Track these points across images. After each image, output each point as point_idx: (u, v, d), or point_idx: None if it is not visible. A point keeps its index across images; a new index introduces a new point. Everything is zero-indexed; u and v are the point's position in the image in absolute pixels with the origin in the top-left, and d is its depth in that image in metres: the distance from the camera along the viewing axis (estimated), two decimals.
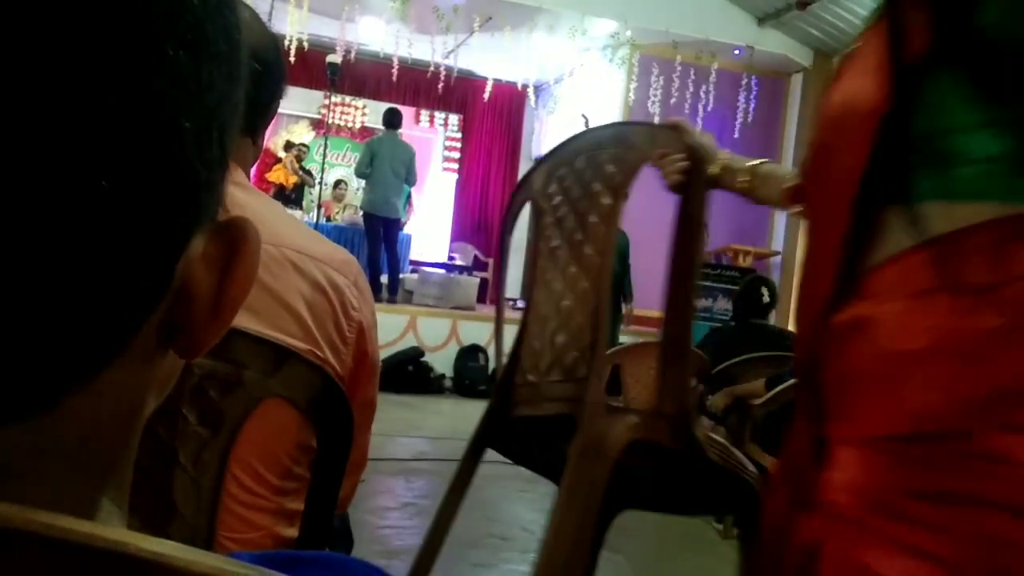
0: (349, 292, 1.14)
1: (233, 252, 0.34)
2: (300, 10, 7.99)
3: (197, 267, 0.33)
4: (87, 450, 0.31)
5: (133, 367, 0.32)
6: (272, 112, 1.20)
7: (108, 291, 0.29)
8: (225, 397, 1.03)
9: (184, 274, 0.32)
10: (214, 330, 0.34)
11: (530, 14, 8.26)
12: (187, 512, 1.07)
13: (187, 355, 0.35)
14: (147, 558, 0.26)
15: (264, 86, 1.16)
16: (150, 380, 0.34)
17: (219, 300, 0.34)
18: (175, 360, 0.36)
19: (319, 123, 11.63)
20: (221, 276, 0.34)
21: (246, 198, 1.11)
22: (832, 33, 8.36)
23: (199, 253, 0.33)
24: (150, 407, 0.35)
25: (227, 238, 0.34)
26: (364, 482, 4.34)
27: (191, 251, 0.32)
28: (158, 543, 0.26)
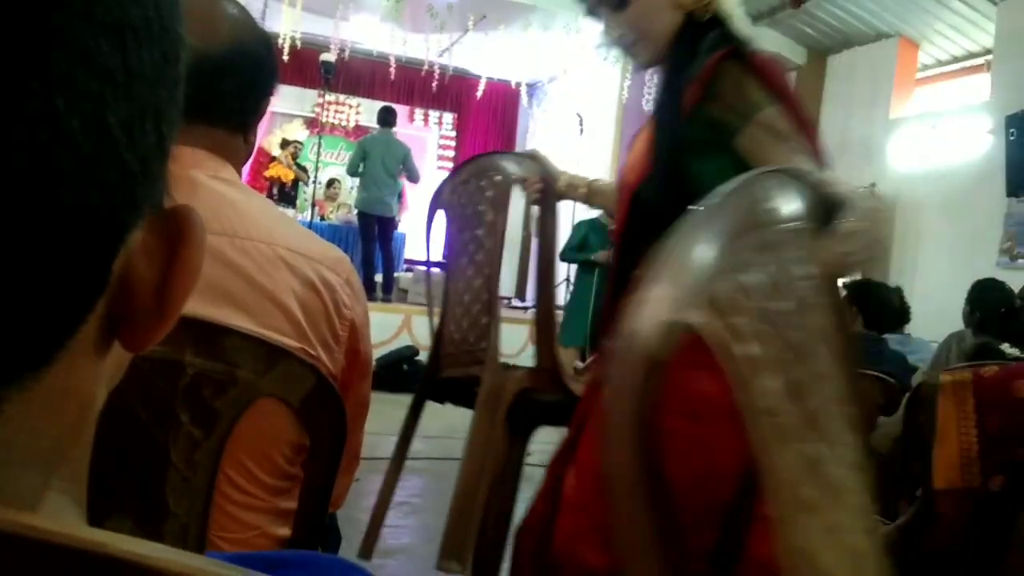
0: (342, 290, 1.14)
1: (176, 243, 0.33)
2: (293, 8, 7.97)
3: (138, 260, 0.32)
4: (34, 445, 0.30)
5: (77, 362, 0.31)
6: (263, 109, 1.20)
7: (40, 291, 0.28)
8: (218, 396, 1.03)
9: (124, 267, 0.31)
10: (160, 324, 0.33)
11: (524, 12, 8.25)
12: (179, 512, 1.07)
13: (133, 349, 0.34)
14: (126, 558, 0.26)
15: (255, 83, 1.16)
16: (98, 374, 0.33)
17: (163, 293, 0.32)
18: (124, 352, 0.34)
19: (313, 122, 11.61)
20: (164, 268, 0.32)
21: (237, 195, 1.11)
22: (826, 31, 8.37)
23: (139, 245, 0.32)
24: (101, 399, 0.34)
25: (170, 229, 0.33)
26: (358, 481, 4.34)
27: (131, 243, 0.31)
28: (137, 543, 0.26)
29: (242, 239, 1.07)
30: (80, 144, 0.27)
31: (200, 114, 1.11)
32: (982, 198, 6.58)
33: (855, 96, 8.36)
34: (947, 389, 1.26)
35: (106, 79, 0.28)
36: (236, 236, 1.07)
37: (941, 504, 1.22)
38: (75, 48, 0.27)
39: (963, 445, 1.22)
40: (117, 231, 0.30)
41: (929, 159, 7.24)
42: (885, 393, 3.61)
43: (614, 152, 9.07)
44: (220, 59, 1.09)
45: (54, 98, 0.26)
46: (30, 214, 0.27)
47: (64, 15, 0.27)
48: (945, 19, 7.28)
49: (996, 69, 6.79)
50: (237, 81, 1.13)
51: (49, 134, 0.26)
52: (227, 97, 1.13)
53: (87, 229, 0.29)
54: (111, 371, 0.34)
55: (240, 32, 1.11)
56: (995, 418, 1.22)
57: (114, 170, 0.29)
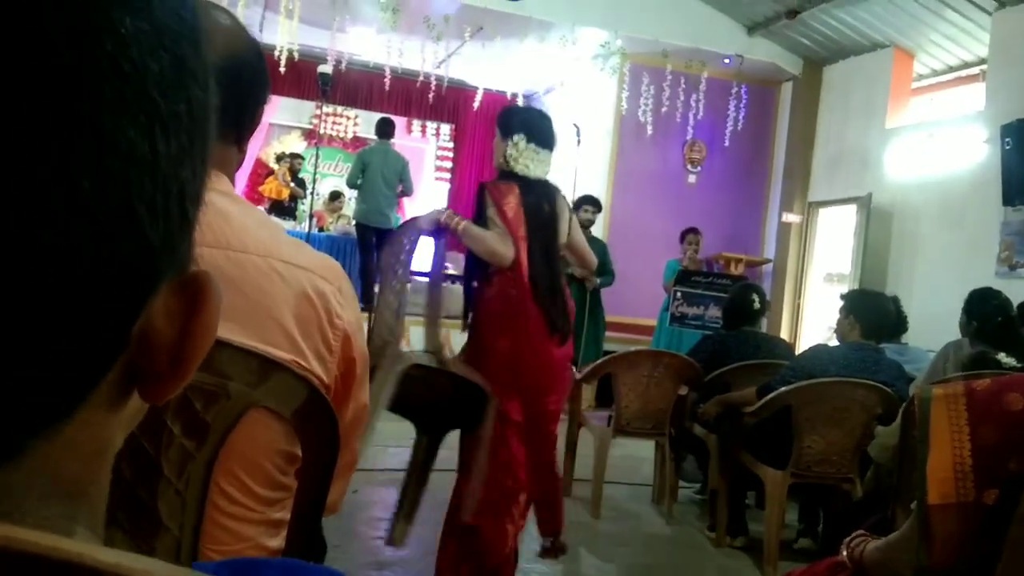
0: (334, 299, 1.14)
1: (193, 308, 0.35)
2: (291, 21, 7.99)
3: (158, 320, 0.34)
4: (54, 486, 0.32)
5: (98, 413, 0.33)
6: (257, 119, 1.20)
7: (62, 354, 0.30)
8: (210, 408, 1.03)
9: (145, 327, 0.33)
10: (175, 380, 0.35)
11: (520, 24, 8.28)
12: (172, 525, 1.06)
13: (150, 400, 0.36)
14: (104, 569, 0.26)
15: (250, 94, 1.16)
16: (116, 422, 0.35)
17: (179, 354, 0.34)
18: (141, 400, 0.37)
19: (311, 133, 11.63)
20: (182, 330, 0.34)
21: (229, 207, 1.11)
22: (821, 42, 8.40)
23: (160, 307, 0.34)
24: (118, 444, 0.37)
25: (189, 293, 0.35)
26: (356, 492, 4.33)
27: (152, 306, 0.33)
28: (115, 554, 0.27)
29: (237, 252, 1.07)
30: (103, 223, 0.29)
31: None
32: (978, 207, 6.59)
33: (851, 106, 8.39)
34: (939, 402, 1.26)
35: (131, 162, 0.30)
36: (231, 249, 1.07)
37: (936, 520, 1.21)
38: (101, 134, 0.29)
39: (956, 459, 1.21)
40: (137, 300, 0.32)
41: (925, 168, 7.26)
42: (883, 403, 3.61)
43: (611, 162, 9.09)
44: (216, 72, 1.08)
45: (80, 180, 0.28)
46: (53, 286, 0.29)
47: (91, 104, 0.28)
48: (940, 29, 7.31)
49: (991, 78, 6.81)
50: (233, 93, 1.13)
51: (73, 214, 0.28)
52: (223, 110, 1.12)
53: (108, 299, 0.30)
54: (129, 418, 0.37)
55: (233, 42, 1.11)
56: (988, 431, 1.22)
57: (136, 246, 0.31)
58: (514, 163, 2.96)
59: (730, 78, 8.99)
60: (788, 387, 3.64)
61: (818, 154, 8.84)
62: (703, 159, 9.22)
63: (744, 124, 9.09)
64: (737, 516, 4.10)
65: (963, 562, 1.21)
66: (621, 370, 4.50)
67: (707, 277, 7.34)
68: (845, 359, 3.69)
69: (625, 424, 4.47)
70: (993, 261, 6.38)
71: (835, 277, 8.46)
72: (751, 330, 4.68)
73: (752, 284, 5.36)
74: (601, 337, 7.11)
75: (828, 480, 3.71)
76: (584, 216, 7.00)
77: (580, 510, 4.50)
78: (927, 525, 1.22)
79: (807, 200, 8.86)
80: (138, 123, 0.30)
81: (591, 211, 7.06)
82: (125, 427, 0.37)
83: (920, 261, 7.28)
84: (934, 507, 1.21)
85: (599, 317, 7.10)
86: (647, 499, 4.81)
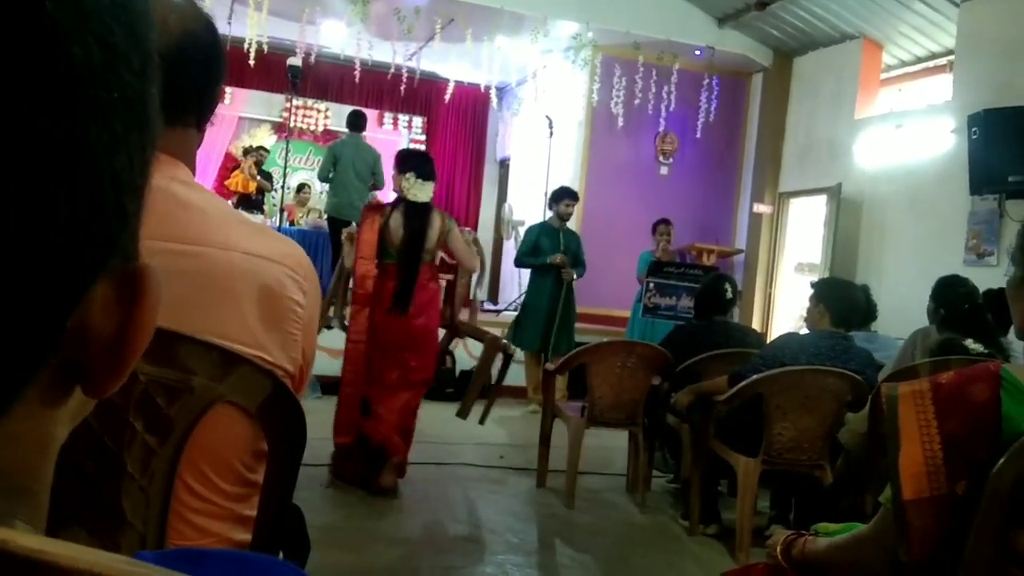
0: (297, 290, 1.12)
1: (132, 301, 0.34)
2: (260, 13, 7.91)
3: (95, 313, 0.33)
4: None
5: (37, 407, 0.33)
6: (215, 99, 1.16)
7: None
8: (172, 404, 1.02)
9: (82, 319, 0.32)
10: (115, 375, 0.34)
11: (492, 16, 8.25)
12: (136, 521, 1.05)
13: (92, 395, 0.35)
14: (26, 555, 0.26)
15: (209, 74, 1.13)
16: (57, 417, 0.35)
17: (118, 347, 0.34)
18: None
19: (281, 126, 11.53)
20: (120, 324, 0.34)
21: (194, 198, 1.09)
22: (791, 33, 8.45)
23: (98, 301, 0.33)
24: (61, 438, 0.36)
25: (127, 287, 0.34)
26: (331, 488, 4.31)
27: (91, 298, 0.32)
28: (40, 540, 0.26)
29: (198, 246, 1.06)
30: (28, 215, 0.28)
31: None
32: (946, 197, 6.66)
33: (821, 97, 8.44)
34: (906, 399, 1.27)
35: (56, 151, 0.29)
36: (192, 243, 1.06)
37: (912, 515, 1.22)
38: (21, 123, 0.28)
39: (927, 453, 1.23)
40: (70, 293, 0.31)
41: (894, 158, 7.32)
42: (853, 390, 3.65)
43: (584, 154, 9.10)
44: (172, 55, 1.05)
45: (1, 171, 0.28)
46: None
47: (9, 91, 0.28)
48: (908, 20, 7.37)
49: (958, 69, 6.88)
50: (191, 75, 1.09)
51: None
52: (183, 94, 1.10)
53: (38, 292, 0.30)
54: (73, 412, 0.36)
55: (188, 22, 1.08)
56: (956, 424, 1.23)
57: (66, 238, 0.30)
58: (407, 192, 4.32)
59: (701, 70, 9.02)
60: (759, 375, 3.66)
61: (788, 145, 8.90)
62: (675, 150, 9.25)
63: (715, 115, 9.13)
64: (710, 504, 4.13)
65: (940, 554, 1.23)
66: (594, 361, 4.51)
67: (679, 268, 7.37)
68: (815, 347, 3.72)
69: (598, 415, 4.48)
70: (961, 249, 6.46)
71: (806, 267, 8.52)
72: (723, 320, 4.72)
73: (724, 274, 5.39)
74: (572, 328, 7.14)
75: (799, 467, 3.75)
76: (565, 210, 7.03)
77: (554, 501, 4.51)
78: (904, 521, 1.23)
79: (778, 190, 8.91)
80: (62, 111, 0.29)
81: (571, 204, 7.08)
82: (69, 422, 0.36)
83: (889, 250, 7.36)
84: (909, 502, 1.22)
85: (572, 308, 7.13)
86: (621, 489, 4.83)
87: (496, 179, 12.49)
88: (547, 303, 6.89)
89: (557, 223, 7.07)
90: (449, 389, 7.55)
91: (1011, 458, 1.20)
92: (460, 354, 7.80)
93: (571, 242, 7.08)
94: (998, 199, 6.18)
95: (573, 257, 6.99)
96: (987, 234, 6.31)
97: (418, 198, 4.30)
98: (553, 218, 7.11)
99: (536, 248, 6.96)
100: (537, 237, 7.02)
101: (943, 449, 1.22)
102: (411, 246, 4.26)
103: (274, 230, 1.27)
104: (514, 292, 9.81)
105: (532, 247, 6.99)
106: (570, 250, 6.97)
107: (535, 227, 7.25)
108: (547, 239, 6.98)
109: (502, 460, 5.32)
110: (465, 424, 4.61)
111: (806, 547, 1.52)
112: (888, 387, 1.32)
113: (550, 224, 7.13)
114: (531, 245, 7.00)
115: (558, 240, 6.99)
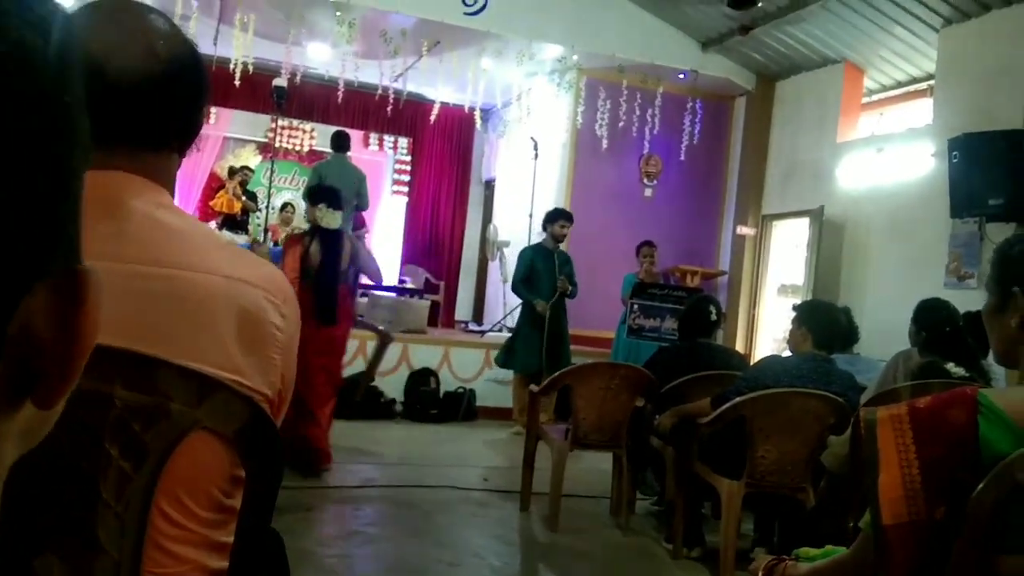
0: (276, 314, 1.12)
1: (72, 304, 0.34)
2: (245, 34, 7.93)
3: (36, 319, 0.33)
4: None
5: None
6: (198, 125, 1.17)
7: None
8: (149, 429, 1.01)
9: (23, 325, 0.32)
10: (62, 382, 0.34)
11: (478, 39, 8.30)
12: (111, 548, 1.04)
13: (40, 405, 0.35)
14: None
15: (194, 100, 1.14)
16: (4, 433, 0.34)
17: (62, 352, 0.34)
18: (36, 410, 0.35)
19: (266, 147, 11.53)
20: (61, 328, 0.34)
21: (174, 222, 1.09)
22: (773, 57, 8.54)
23: (39, 305, 0.33)
24: (9, 457, 0.35)
25: (66, 291, 0.34)
26: (311, 511, 4.28)
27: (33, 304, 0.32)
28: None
29: (177, 270, 1.05)
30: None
31: (142, 142, 1.09)
32: (927, 220, 6.72)
33: (803, 120, 8.52)
34: (884, 424, 1.27)
35: None
36: (172, 267, 1.05)
37: (893, 540, 1.23)
38: None
39: (906, 478, 1.23)
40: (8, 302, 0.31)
41: (876, 181, 7.39)
42: (835, 413, 3.65)
43: (568, 176, 9.14)
44: (159, 81, 1.06)
45: None
46: None
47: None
48: (889, 45, 7.46)
49: (938, 93, 6.96)
50: (177, 102, 1.10)
51: None
52: (168, 120, 1.11)
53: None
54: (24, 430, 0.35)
55: (174, 48, 1.08)
56: (934, 448, 1.23)
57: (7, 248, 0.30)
58: (320, 221, 5.11)
59: (685, 93, 9.09)
60: (742, 397, 3.67)
61: (771, 168, 8.96)
62: (659, 173, 9.30)
63: (699, 138, 9.19)
64: (694, 527, 4.12)
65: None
66: (578, 382, 4.51)
67: (663, 289, 7.39)
68: (797, 370, 3.74)
69: (583, 437, 4.47)
70: (942, 272, 6.51)
71: (789, 289, 8.57)
72: (706, 342, 4.72)
73: (708, 296, 5.41)
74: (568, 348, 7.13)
75: (782, 489, 3.75)
76: (560, 231, 7.02)
77: (538, 524, 4.49)
78: (884, 546, 1.23)
79: (761, 213, 8.97)
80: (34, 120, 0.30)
81: (567, 225, 7.08)
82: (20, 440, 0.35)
83: (871, 272, 7.40)
84: (889, 527, 1.22)
85: (567, 328, 7.14)
86: (605, 512, 4.81)
87: (481, 200, 12.51)
88: (543, 326, 6.88)
89: (551, 244, 7.07)
90: (433, 411, 7.53)
91: (990, 482, 1.21)
92: (444, 375, 7.78)
93: (565, 265, 7.08)
94: (978, 222, 6.24)
95: (568, 279, 7.00)
96: (967, 257, 6.37)
97: (330, 225, 5.13)
98: (547, 239, 7.10)
99: (532, 271, 6.95)
100: (531, 260, 7.00)
101: (921, 474, 1.22)
102: (330, 267, 5.09)
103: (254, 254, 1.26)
104: (499, 313, 9.81)
105: (527, 270, 6.98)
106: (564, 273, 6.98)
107: (528, 250, 7.22)
108: (542, 261, 6.97)
109: (486, 483, 5.29)
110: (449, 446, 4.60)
111: (787, 572, 1.51)
112: (867, 411, 1.32)
113: (544, 246, 7.12)
114: (526, 268, 6.98)
115: (553, 263, 6.99)
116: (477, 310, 12.11)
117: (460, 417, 7.59)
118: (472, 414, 7.71)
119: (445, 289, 11.78)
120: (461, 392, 7.76)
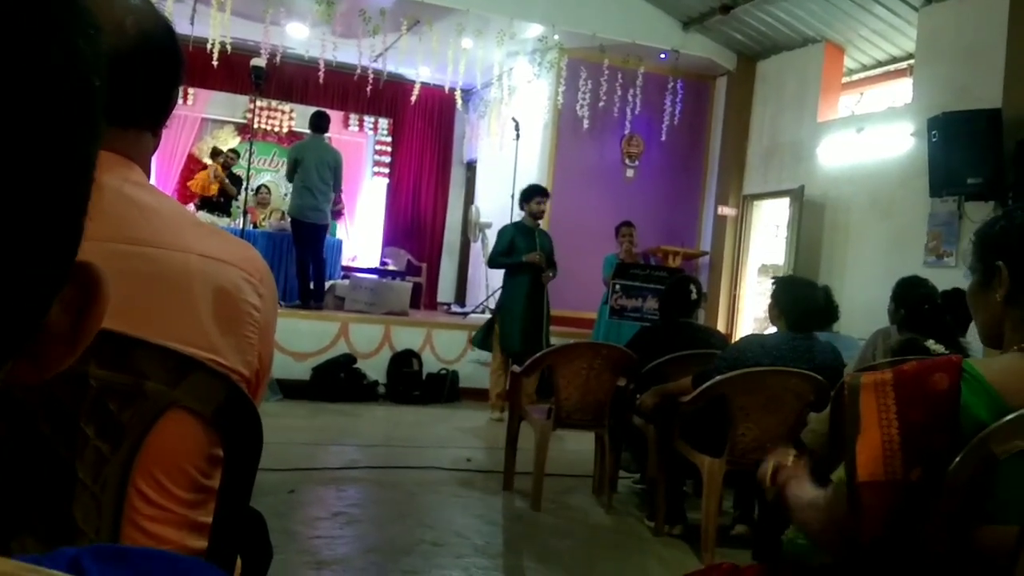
0: (253, 293, 1.11)
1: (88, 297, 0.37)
2: (223, 13, 7.84)
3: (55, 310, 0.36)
4: None
5: None
6: (172, 102, 1.15)
7: None
8: (125, 409, 1.00)
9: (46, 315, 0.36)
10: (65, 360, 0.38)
11: (458, 18, 8.25)
12: (88, 529, 1.03)
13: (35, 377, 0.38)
14: None
15: (166, 76, 1.12)
16: None
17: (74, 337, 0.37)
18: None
19: (245, 128, 11.43)
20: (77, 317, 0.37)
21: (148, 200, 1.07)
22: (755, 37, 8.53)
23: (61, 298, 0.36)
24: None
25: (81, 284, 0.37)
26: (294, 492, 4.28)
27: None
28: None
29: (153, 248, 1.04)
30: None
31: (113, 118, 1.07)
32: (907, 199, 6.76)
33: (784, 100, 8.53)
34: (868, 389, 1.29)
35: None
36: (148, 245, 1.04)
37: (864, 496, 1.24)
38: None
39: (885, 438, 1.25)
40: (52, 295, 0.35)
41: (856, 161, 7.42)
42: (815, 391, 3.68)
43: (550, 156, 9.12)
44: (129, 57, 1.04)
45: None
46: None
47: None
48: (869, 25, 7.47)
49: (918, 73, 6.99)
50: (148, 78, 1.08)
51: None
52: (140, 96, 1.09)
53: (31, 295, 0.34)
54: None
55: (144, 23, 1.06)
56: (916, 411, 1.25)
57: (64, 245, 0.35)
58: None
59: (666, 73, 9.08)
60: (723, 376, 3.69)
61: (752, 148, 8.98)
62: (640, 153, 9.30)
63: (680, 118, 9.19)
64: (675, 505, 4.15)
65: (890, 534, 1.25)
66: (560, 363, 4.52)
67: (645, 270, 7.41)
68: (777, 348, 3.75)
69: (565, 416, 4.49)
70: (921, 251, 6.56)
71: (770, 268, 8.61)
72: (687, 321, 4.74)
73: (689, 276, 5.43)
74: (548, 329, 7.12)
75: None
76: (537, 207, 6.95)
77: (521, 503, 4.51)
78: (857, 501, 1.25)
79: (742, 193, 9.00)
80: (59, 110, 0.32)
81: (543, 201, 7.01)
82: None
83: (851, 251, 7.45)
84: (863, 484, 1.24)
85: (548, 309, 7.11)
86: (587, 490, 4.84)
87: (463, 181, 12.48)
88: (526, 304, 6.85)
89: (531, 222, 7.02)
90: (416, 392, 7.54)
91: (968, 455, 1.22)
92: (427, 357, 7.78)
93: (545, 243, 7.04)
94: (957, 201, 6.28)
95: (547, 258, 6.95)
96: (947, 235, 6.41)
97: None
98: (526, 217, 7.05)
99: (512, 248, 6.89)
100: (512, 237, 6.95)
101: (901, 435, 1.24)
102: None
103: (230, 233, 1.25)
104: (481, 295, 9.80)
105: (507, 247, 6.94)
106: (544, 251, 6.93)
107: (509, 227, 7.16)
108: (522, 239, 6.92)
109: (469, 463, 5.30)
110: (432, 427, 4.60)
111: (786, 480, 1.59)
112: (852, 377, 1.34)
113: (524, 224, 7.07)
114: (506, 245, 6.92)
115: (534, 240, 6.94)
116: (459, 292, 12.10)
117: (443, 399, 7.60)
118: (455, 395, 7.71)
119: (427, 271, 11.75)
120: (444, 374, 7.76)
